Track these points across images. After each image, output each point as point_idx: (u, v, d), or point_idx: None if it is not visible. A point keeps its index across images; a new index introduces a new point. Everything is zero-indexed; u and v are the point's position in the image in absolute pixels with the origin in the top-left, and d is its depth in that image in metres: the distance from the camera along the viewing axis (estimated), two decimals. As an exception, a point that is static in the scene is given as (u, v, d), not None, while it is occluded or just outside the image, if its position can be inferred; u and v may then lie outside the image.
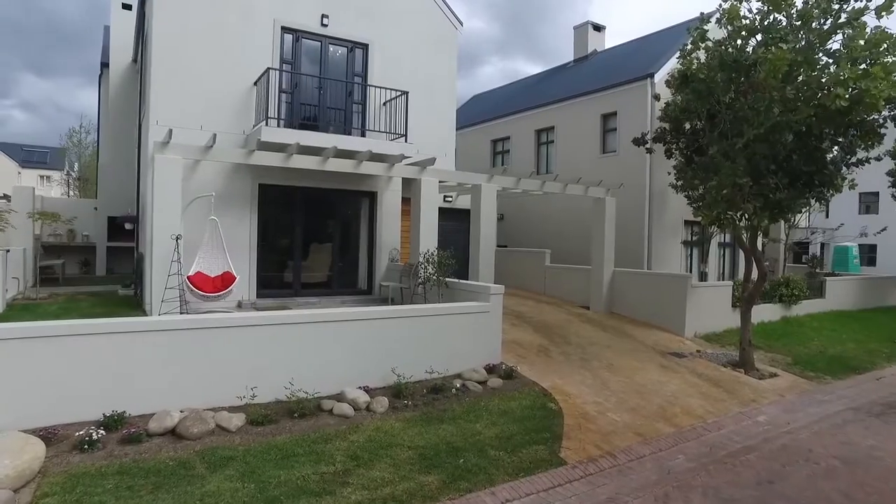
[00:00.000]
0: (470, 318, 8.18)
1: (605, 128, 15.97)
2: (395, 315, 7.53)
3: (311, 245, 11.14)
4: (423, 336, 7.68)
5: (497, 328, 8.46)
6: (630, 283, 12.65)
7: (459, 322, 8.06)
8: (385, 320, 7.45)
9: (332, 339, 6.97)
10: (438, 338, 7.81)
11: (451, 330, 7.96)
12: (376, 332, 7.30)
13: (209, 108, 9.61)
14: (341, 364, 7.00)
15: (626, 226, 14.53)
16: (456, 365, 7.90)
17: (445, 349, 7.86)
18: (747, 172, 7.47)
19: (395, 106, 10.89)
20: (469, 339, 8.12)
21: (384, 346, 7.35)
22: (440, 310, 7.97)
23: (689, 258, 15.68)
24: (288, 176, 10.26)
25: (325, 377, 6.83)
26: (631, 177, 14.66)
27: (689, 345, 10.92)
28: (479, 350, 8.19)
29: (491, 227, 10.99)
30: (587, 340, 10.32)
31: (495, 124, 20.19)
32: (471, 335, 8.15)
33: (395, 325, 7.48)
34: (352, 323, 7.18)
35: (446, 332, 7.90)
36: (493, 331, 8.40)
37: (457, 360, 7.94)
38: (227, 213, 9.82)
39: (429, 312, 7.83)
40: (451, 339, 7.93)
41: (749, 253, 9.47)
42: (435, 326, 7.81)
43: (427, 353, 7.67)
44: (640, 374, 8.71)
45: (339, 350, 7.02)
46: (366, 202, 11.48)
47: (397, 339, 7.46)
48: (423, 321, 7.73)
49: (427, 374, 7.53)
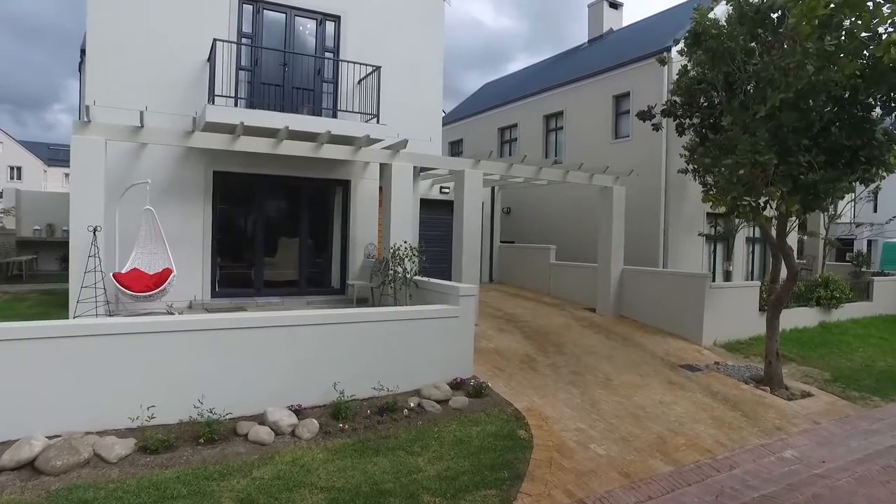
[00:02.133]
0: (435, 323, 6.95)
1: (618, 110, 14.43)
2: (342, 320, 6.35)
3: (277, 239, 10.08)
4: (375, 345, 6.50)
5: (468, 336, 7.20)
6: (640, 283, 11.17)
7: (422, 329, 6.84)
8: (330, 326, 6.28)
9: (264, 347, 5.85)
10: (395, 347, 6.61)
11: (412, 338, 6.75)
12: (319, 340, 6.16)
13: (157, 87, 8.62)
14: (272, 377, 5.89)
15: (639, 219, 13.01)
16: (416, 379, 6.69)
17: (403, 361, 6.66)
18: (771, 148, 5.99)
19: (370, 85, 9.72)
20: (433, 348, 6.90)
21: (327, 357, 6.21)
22: (398, 314, 6.76)
23: (712, 255, 14.02)
24: (247, 162, 9.21)
25: (250, 393, 5.73)
26: (645, 164, 13.11)
27: (707, 355, 9.41)
28: (445, 362, 6.96)
29: (476, 220, 9.71)
30: (585, 349, 8.94)
31: (502, 111, 18.81)
32: (436, 344, 6.92)
33: (342, 332, 6.31)
34: (288, 329, 6.04)
35: (405, 340, 6.70)
36: (463, 339, 7.14)
37: (417, 373, 6.73)
38: (177, 204, 8.83)
39: (384, 317, 6.64)
40: (410, 349, 6.73)
41: (776, 248, 7.93)
42: (391, 334, 6.61)
43: (380, 365, 6.49)
44: (640, 392, 7.31)
45: (270, 361, 5.90)
46: (339, 192, 10.35)
47: (344, 348, 6.30)
48: (377, 327, 6.54)
49: (375, 391, 6.34)
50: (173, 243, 8.57)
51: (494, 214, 15.97)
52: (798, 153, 6.18)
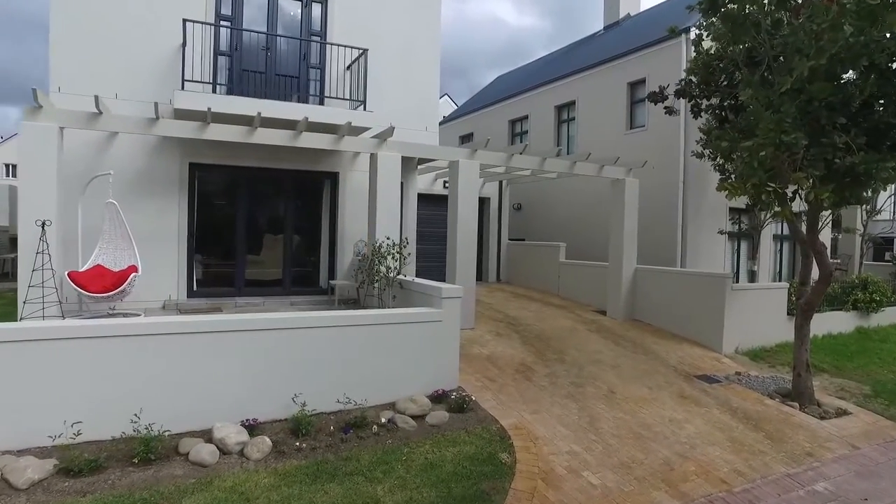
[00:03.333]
0: (414, 329, 6.22)
1: (633, 98, 13.47)
2: (306, 324, 5.68)
3: (260, 236, 9.48)
4: (345, 352, 5.81)
5: (452, 342, 6.45)
6: (655, 284, 10.25)
7: (399, 335, 6.12)
8: (293, 331, 5.62)
9: (217, 354, 5.23)
10: (368, 355, 5.92)
11: (387, 345, 6.04)
12: (280, 347, 5.51)
13: (130, 74, 8.09)
14: (226, 388, 5.27)
15: (655, 214, 12.07)
16: (391, 391, 5.99)
17: (377, 370, 5.96)
18: (800, 127, 5.09)
19: (359, 70, 9.04)
20: (412, 356, 6.18)
21: (289, 365, 5.55)
22: (370, 318, 6.05)
23: (735, 254, 12.97)
24: (226, 153, 8.63)
25: (200, 405, 5.13)
26: (662, 155, 12.16)
27: (727, 364, 8.46)
28: (425, 371, 6.23)
29: (472, 214, 8.94)
30: (589, 357, 8.10)
31: (513, 103, 17.98)
32: (415, 352, 6.20)
33: (307, 338, 5.65)
34: (245, 334, 5.40)
35: (380, 347, 6.00)
36: (447, 346, 6.40)
37: (393, 384, 6.02)
38: (150, 198, 8.29)
39: (354, 321, 5.94)
40: (386, 357, 6.02)
41: (807, 244, 6.98)
42: (364, 340, 5.92)
43: (350, 375, 5.80)
44: (648, 407, 6.46)
45: (224, 369, 5.27)
46: (327, 185, 9.70)
47: (309, 355, 5.64)
48: (347, 333, 5.85)
49: (342, 405, 5.65)
50: (145, 240, 8.07)
51: (502, 210, 15.16)
52: (833, 132, 5.26)
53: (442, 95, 31.50)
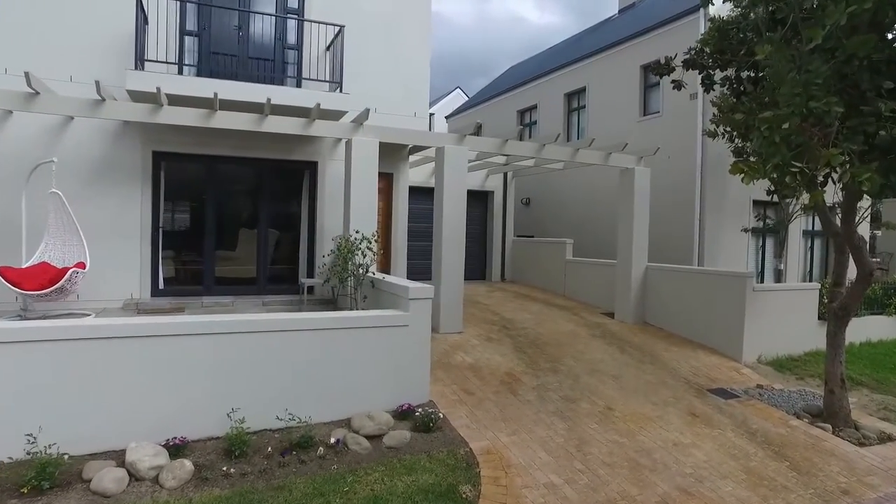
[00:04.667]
0: (376, 334, 5.43)
1: (646, 83, 12.43)
2: (249, 328, 4.93)
3: (233, 231, 8.79)
4: (295, 361, 5.06)
5: (421, 350, 5.63)
6: (667, 284, 9.25)
7: (359, 341, 5.33)
8: (234, 336, 4.88)
9: (142, 362, 4.53)
10: (321, 364, 5.16)
11: (345, 353, 5.27)
12: (218, 354, 4.79)
13: (85, 54, 7.46)
14: (151, 401, 4.58)
15: (670, 207, 11.06)
16: (347, 405, 5.22)
17: (330, 382, 5.20)
18: (834, 90, 4.12)
19: (336, 49, 8.28)
20: (373, 366, 5.38)
21: (229, 376, 4.83)
22: (323, 322, 5.27)
23: (760, 251, 11.83)
24: (194, 141, 7.97)
25: (117, 422, 4.45)
26: (678, 142, 11.13)
27: (747, 375, 7.45)
28: (388, 383, 5.43)
29: (460, 206, 8.09)
30: (587, 366, 7.19)
31: (521, 92, 17.06)
32: (377, 361, 5.40)
33: (250, 344, 4.91)
34: (177, 340, 4.69)
35: (336, 355, 5.23)
36: (415, 354, 5.58)
37: (349, 397, 5.25)
38: (109, 190, 7.66)
39: (304, 325, 5.17)
40: (343, 367, 5.25)
41: (842, 239, 5.95)
42: (318, 347, 5.15)
43: (299, 386, 5.06)
44: (650, 428, 5.53)
45: (149, 380, 4.59)
46: (306, 176, 8.97)
47: (253, 364, 4.91)
48: (298, 339, 5.09)
49: (284, 422, 4.89)
50: (104, 235, 7.48)
51: (507, 205, 14.24)
52: (876, 99, 4.26)
53: (454, 89, 30.70)
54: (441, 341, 7.57)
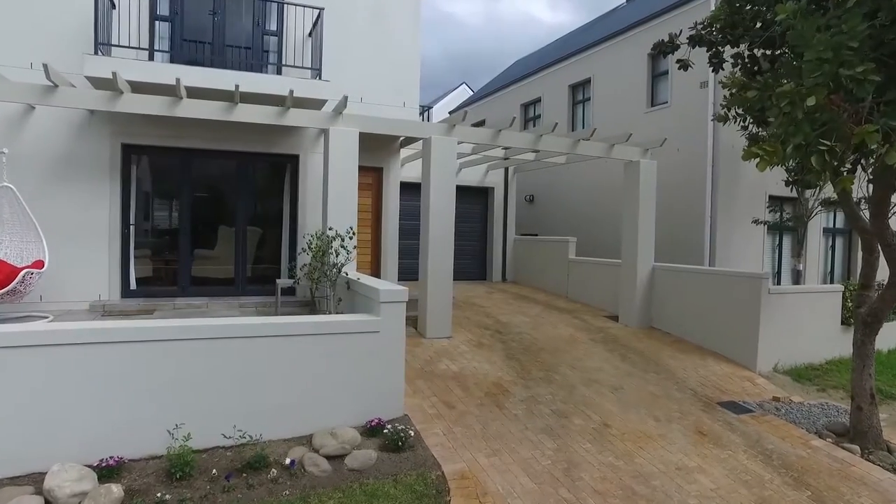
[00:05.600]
0: (342, 342, 4.87)
1: (654, 71, 11.75)
2: (196, 335, 4.40)
3: (210, 229, 8.29)
4: (250, 372, 4.53)
5: (394, 359, 5.06)
6: (676, 285, 8.58)
7: (321, 349, 4.78)
8: (177, 344, 4.36)
9: (74, 372, 4.03)
10: (281, 374, 4.62)
11: (308, 362, 4.73)
12: (163, 364, 4.28)
13: (51, 39, 7.02)
14: (83, 417, 4.08)
15: (679, 203, 10.39)
16: (310, 420, 4.68)
17: (291, 394, 4.66)
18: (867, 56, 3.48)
19: (318, 35, 7.74)
20: (339, 376, 4.84)
21: (174, 387, 4.31)
22: (280, 328, 4.71)
23: (777, 250, 11.08)
24: (167, 133, 7.49)
25: (41, 440, 3.93)
26: (687, 133, 10.45)
27: (761, 386, 6.78)
28: (357, 396, 4.88)
29: (447, 201, 7.51)
30: (585, 375, 6.57)
31: (525, 85, 16.43)
32: (343, 371, 4.85)
33: (195, 352, 4.38)
34: (114, 347, 4.18)
35: (298, 364, 4.69)
36: (387, 363, 5.02)
37: (312, 412, 4.71)
38: (75, 185, 7.20)
39: (260, 332, 4.62)
40: (302, 378, 4.71)
41: (872, 236, 5.27)
42: (275, 356, 4.62)
43: (255, 399, 4.53)
44: (651, 447, 4.91)
45: (81, 393, 4.07)
46: (287, 170, 8.45)
47: (201, 375, 4.38)
48: (252, 346, 4.56)
49: (231, 440, 4.36)
50: (70, 233, 7.07)
51: (508, 201, 13.61)
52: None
53: (460, 84, 30.12)
54: (426, 347, 7.00)
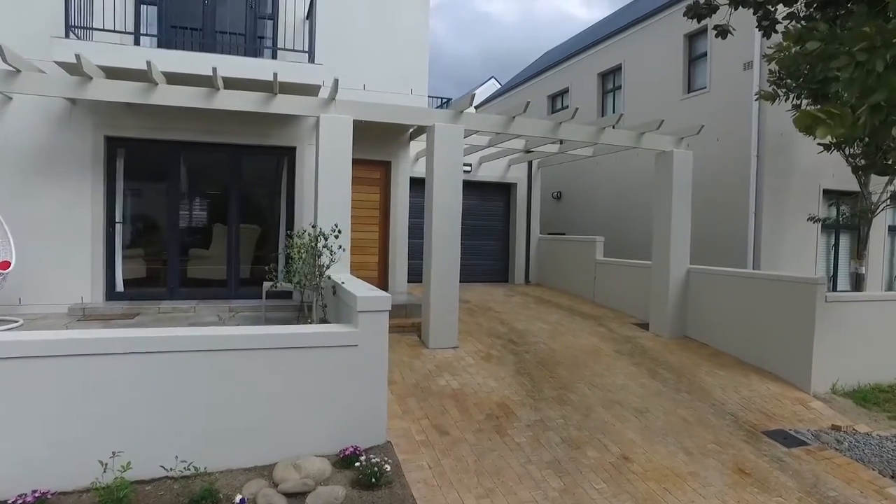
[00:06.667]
0: (315, 357, 4.21)
1: (691, 54, 10.70)
2: (139, 348, 3.82)
3: (201, 227, 7.81)
4: (205, 391, 3.94)
5: (374, 377, 4.36)
6: (714, 290, 7.59)
7: (288, 365, 4.14)
8: (119, 359, 3.79)
9: None
10: (242, 394, 4.01)
11: (270, 380, 4.09)
12: (102, 381, 3.73)
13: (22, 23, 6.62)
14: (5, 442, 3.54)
15: (718, 199, 9.37)
16: (278, 446, 4.07)
17: (256, 417, 4.04)
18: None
19: (313, 14, 7.14)
20: (312, 397, 4.19)
21: (118, 410, 3.76)
22: (238, 341, 4.06)
23: (833, 251, 9.87)
24: (156, 125, 7.04)
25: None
26: (729, 122, 9.40)
27: (817, 411, 5.76)
28: (330, 419, 4.22)
29: (454, 196, 6.77)
30: (606, 395, 5.71)
31: (552, 75, 15.52)
32: (316, 391, 4.20)
33: (138, 368, 3.80)
34: (38, 363, 3.64)
35: (262, 383, 4.07)
36: (368, 382, 4.33)
37: (281, 438, 4.09)
38: (55, 181, 6.81)
39: (216, 345, 4.00)
40: (270, 399, 4.08)
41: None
42: (236, 372, 4.00)
43: (210, 423, 3.94)
44: (679, 491, 4.04)
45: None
46: (284, 164, 7.89)
47: (145, 394, 3.81)
48: (210, 362, 3.95)
49: (169, 469, 3.75)
50: (48, 232, 6.71)
51: (532, 198, 12.72)
52: None
53: (489, 79, 29.22)
54: (427, 359, 6.29)
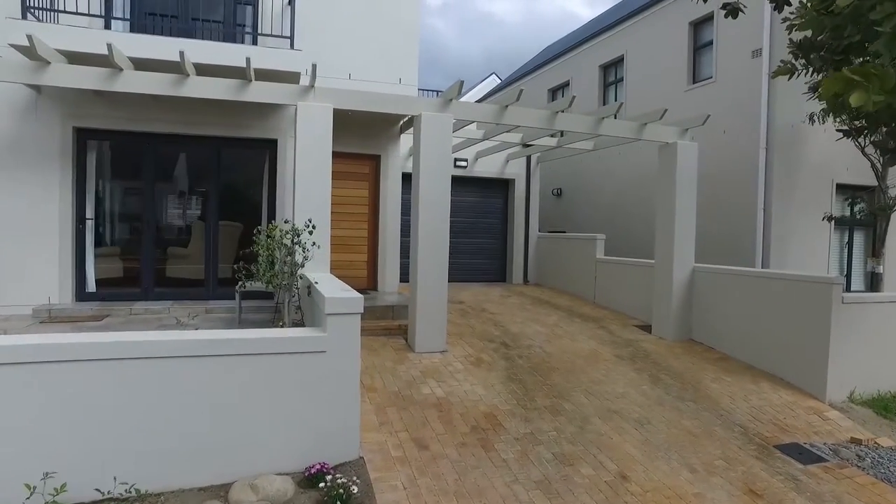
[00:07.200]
0: (278, 364, 3.80)
1: (696, 43, 10.22)
2: (69, 356, 3.42)
3: (178, 223, 7.44)
4: (157, 402, 3.54)
5: (345, 386, 3.95)
6: (721, 290, 7.14)
7: (253, 374, 3.73)
8: (54, 367, 3.39)
9: None
10: (198, 407, 3.61)
11: (226, 390, 3.68)
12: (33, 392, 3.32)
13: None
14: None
15: (725, 195, 8.92)
16: (238, 463, 3.69)
17: (212, 431, 3.64)
18: None
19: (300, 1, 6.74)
20: (276, 409, 3.78)
21: (55, 424, 3.36)
22: (190, 347, 3.66)
23: (846, 249, 9.38)
24: (128, 116, 6.67)
25: None
26: (737, 113, 8.95)
27: (834, 422, 5.31)
28: (298, 433, 3.82)
29: (441, 190, 6.34)
30: (603, 404, 5.28)
31: (552, 68, 15.07)
32: (280, 402, 3.79)
33: (76, 378, 3.41)
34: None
35: (212, 393, 3.66)
36: (337, 392, 3.92)
37: (240, 454, 3.70)
38: (20, 175, 6.42)
39: (159, 351, 3.58)
40: (228, 411, 3.68)
41: None
42: (189, 382, 3.60)
43: (165, 438, 3.53)
44: (682, 517, 3.61)
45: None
46: (266, 156, 7.49)
47: (83, 406, 3.42)
48: (160, 370, 3.54)
49: (127, 490, 3.35)
50: (11, 229, 6.33)
51: (531, 194, 12.28)
52: None
53: (489, 75, 28.76)
54: (412, 364, 5.87)
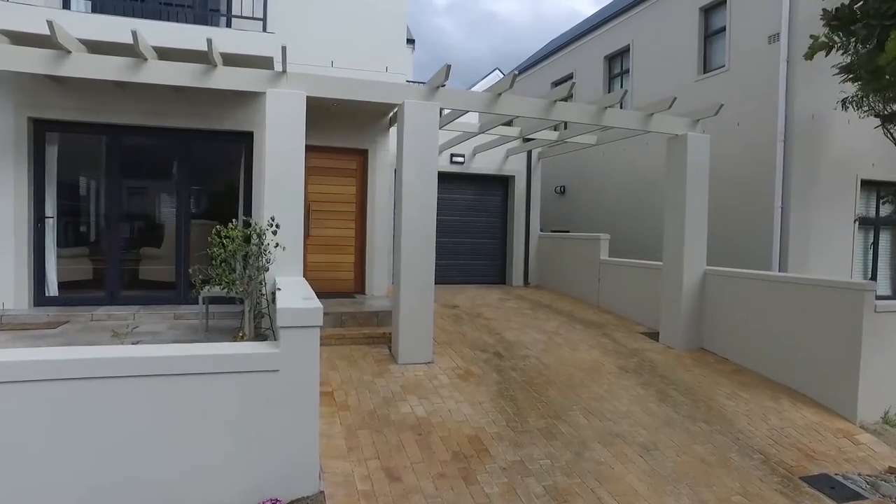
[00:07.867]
0: (224, 384, 3.26)
1: (707, 30, 9.59)
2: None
3: (146, 223, 6.92)
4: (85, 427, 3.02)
5: (302, 409, 3.41)
6: (736, 296, 6.53)
7: (193, 396, 3.20)
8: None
9: None
10: (131, 433, 3.09)
11: (170, 415, 3.15)
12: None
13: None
14: None
15: (739, 192, 8.30)
16: (182, 499, 3.10)
17: (147, 461, 3.10)
18: None
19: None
20: (222, 436, 3.24)
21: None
22: (115, 365, 3.12)
23: (872, 251, 8.71)
24: (90, 106, 6.16)
25: None
26: (752, 104, 8.32)
27: (867, 447, 4.70)
28: (249, 464, 3.28)
29: (427, 185, 5.77)
30: (604, 426, 4.69)
31: (556, 60, 14.47)
32: (227, 428, 3.25)
33: None
34: None
35: (155, 418, 3.14)
36: (293, 417, 3.38)
37: (184, 488, 3.15)
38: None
39: (79, 371, 3.06)
40: (165, 438, 3.14)
41: None
42: (119, 405, 3.08)
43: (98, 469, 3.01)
44: (695, 572, 3.03)
45: None
46: (242, 150, 6.96)
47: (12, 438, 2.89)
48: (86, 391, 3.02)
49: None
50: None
51: (532, 192, 11.68)
52: None
53: (492, 70, 28.15)
54: (393, 377, 5.32)
